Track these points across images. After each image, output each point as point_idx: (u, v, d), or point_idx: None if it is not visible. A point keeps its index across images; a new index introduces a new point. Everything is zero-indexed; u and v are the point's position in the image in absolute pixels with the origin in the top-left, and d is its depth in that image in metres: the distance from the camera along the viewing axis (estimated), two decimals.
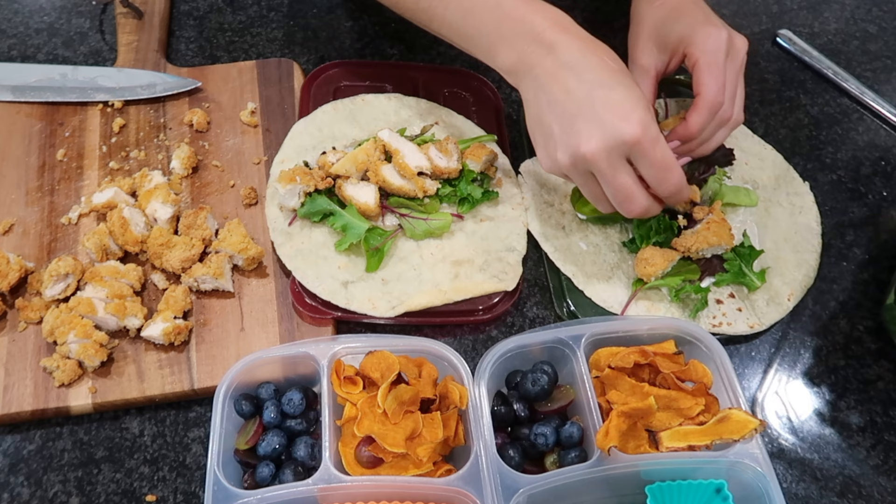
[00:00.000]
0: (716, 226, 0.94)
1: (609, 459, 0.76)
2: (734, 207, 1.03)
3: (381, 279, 0.94)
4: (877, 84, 1.20)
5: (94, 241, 0.92)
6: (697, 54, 0.91)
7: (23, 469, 0.84)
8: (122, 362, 0.89)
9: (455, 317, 0.94)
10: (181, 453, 0.86)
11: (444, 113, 1.09)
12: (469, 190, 0.99)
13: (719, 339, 0.87)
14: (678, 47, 0.94)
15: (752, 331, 0.95)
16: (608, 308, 0.95)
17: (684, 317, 0.94)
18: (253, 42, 1.19)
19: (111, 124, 1.06)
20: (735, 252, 0.97)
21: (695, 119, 0.91)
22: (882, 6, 1.31)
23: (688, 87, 1.15)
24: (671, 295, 0.95)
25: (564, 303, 0.96)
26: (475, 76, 1.14)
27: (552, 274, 0.98)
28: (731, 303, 0.96)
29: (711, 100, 0.90)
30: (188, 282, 0.92)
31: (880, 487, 0.87)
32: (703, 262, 0.96)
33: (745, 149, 1.08)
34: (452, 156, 0.99)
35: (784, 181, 1.07)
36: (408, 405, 0.79)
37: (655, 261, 0.94)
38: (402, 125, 1.06)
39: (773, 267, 0.99)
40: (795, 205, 1.05)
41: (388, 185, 0.96)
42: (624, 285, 0.97)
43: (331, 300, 0.92)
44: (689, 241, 0.94)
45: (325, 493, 0.75)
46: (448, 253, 0.97)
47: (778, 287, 0.98)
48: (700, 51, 0.91)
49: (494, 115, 1.10)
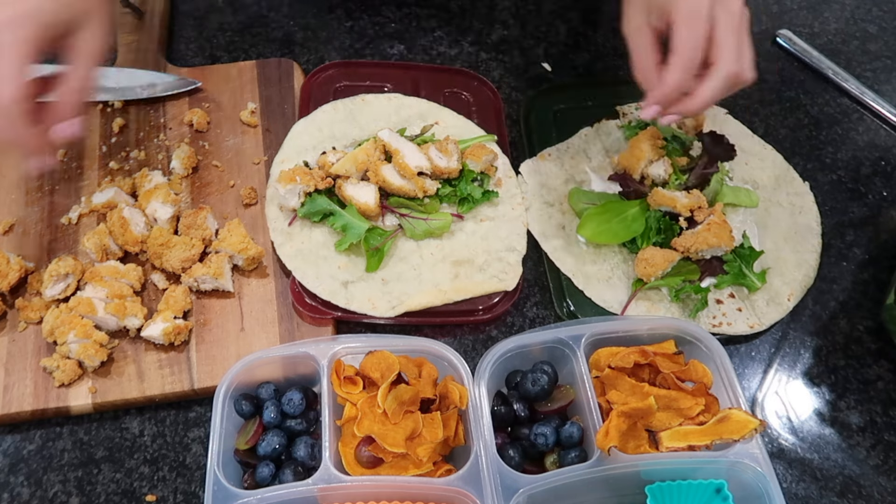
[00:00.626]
0: (716, 227, 0.94)
1: (609, 459, 0.76)
2: (734, 208, 1.03)
3: (381, 279, 0.94)
4: (877, 84, 1.20)
5: (94, 241, 0.92)
6: (674, 14, 0.86)
7: (23, 469, 0.84)
8: (122, 362, 0.89)
9: (455, 317, 0.94)
10: (181, 453, 0.86)
11: (444, 113, 1.09)
12: (469, 190, 0.99)
13: (719, 339, 0.87)
14: (664, 7, 0.88)
15: (752, 331, 0.95)
16: (608, 308, 0.96)
17: (684, 317, 0.94)
18: (253, 42, 1.19)
19: (111, 124, 1.06)
20: (735, 253, 0.97)
21: (668, 76, 0.85)
22: (882, 6, 1.31)
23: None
24: (671, 295, 0.95)
25: (564, 303, 0.96)
26: (475, 76, 1.14)
27: (552, 274, 0.98)
28: (731, 303, 0.96)
29: (682, 53, 0.84)
30: (188, 282, 0.92)
31: (880, 487, 0.87)
32: (703, 262, 0.96)
33: (745, 149, 1.08)
34: (452, 156, 0.99)
35: (784, 181, 1.07)
36: (408, 405, 0.79)
37: (655, 261, 0.94)
38: (402, 125, 1.06)
39: (774, 267, 0.99)
40: (795, 205, 1.05)
41: (388, 185, 0.96)
42: (624, 285, 0.97)
43: (331, 300, 0.92)
44: (688, 242, 0.94)
45: (325, 493, 0.75)
46: (448, 253, 0.97)
47: (778, 287, 0.98)
48: (676, 9, 0.85)
49: (494, 115, 1.10)
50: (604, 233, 0.98)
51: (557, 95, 1.14)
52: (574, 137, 1.09)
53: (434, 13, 1.23)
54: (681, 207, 0.96)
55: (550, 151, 1.07)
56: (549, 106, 1.12)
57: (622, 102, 1.12)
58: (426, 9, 1.23)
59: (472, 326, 0.96)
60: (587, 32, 1.24)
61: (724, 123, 1.10)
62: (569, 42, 1.23)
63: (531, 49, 1.21)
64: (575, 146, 1.08)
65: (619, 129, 1.09)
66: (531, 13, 1.26)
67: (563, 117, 1.11)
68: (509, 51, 1.21)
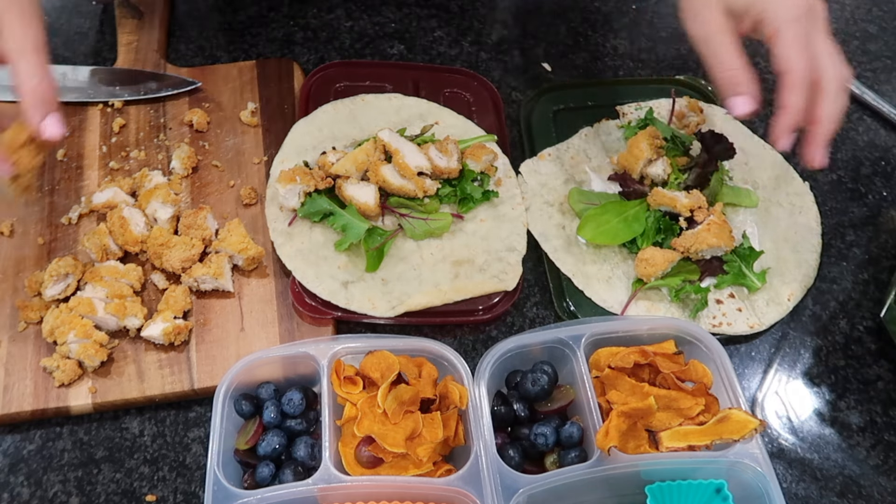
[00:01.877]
0: (716, 227, 0.94)
1: (609, 459, 0.76)
2: (734, 208, 1.03)
3: (382, 279, 0.94)
4: (877, 84, 1.20)
5: (94, 241, 0.92)
6: (773, 23, 0.79)
7: (23, 469, 0.84)
8: (122, 362, 0.89)
9: (455, 317, 0.94)
10: (181, 453, 0.86)
11: (444, 113, 1.09)
12: (469, 190, 0.99)
13: (719, 339, 0.86)
14: (749, 10, 0.82)
15: (752, 331, 0.95)
16: (608, 308, 0.96)
17: (684, 317, 0.94)
18: (253, 42, 1.19)
19: (111, 124, 1.06)
20: (735, 253, 0.97)
21: (789, 98, 0.80)
22: (882, 6, 1.31)
23: (688, 87, 1.16)
24: (671, 295, 0.95)
25: (564, 303, 0.96)
26: (475, 76, 1.14)
27: (552, 274, 0.98)
28: (730, 303, 0.96)
29: (796, 71, 0.80)
30: (188, 282, 0.92)
31: (880, 487, 0.87)
32: (703, 262, 0.96)
33: (745, 149, 1.08)
34: (452, 156, 0.99)
35: (784, 181, 1.07)
36: (408, 405, 0.79)
37: (656, 261, 0.94)
38: (402, 125, 1.06)
39: (773, 267, 0.99)
40: (795, 205, 1.05)
41: (388, 185, 0.96)
42: (624, 286, 0.97)
43: (331, 300, 0.92)
44: (688, 242, 0.94)
45: (325, 493, 0.75)
46: (448, 253, 0.97)
47: (778, 287, 0.98)
48: (774, 16, 0.79)
49: (494, 115, 1.10)
50: (604, 233, 0.98)
51: (557, 95, 1.14)
52: (574, 137, 1.09)
53: (434, 13, 1.23)
54: (681, 207, 0.96)
55: (550, 151, 1.07)
56: (548, 106, 1.12)
57: (622, 102, 1.12)
58: (426, 9, 1.23)
59: (473, 326, 0.96)
60: (587, 32, 1.24)
61: (724, 123, 1.10)
62: (569, 42, 1.23)
63: (531, 49, 1.21)
64: (575, 146, 1.08)
65: (619, 129, 1.09)
66: (531, 13, 1.26)
67: (563, 117, 1.11)
68: (509, 51, 1.21)
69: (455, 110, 1.09)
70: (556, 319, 0.97)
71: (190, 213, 0.96)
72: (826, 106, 0.82)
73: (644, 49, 1.22)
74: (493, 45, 1.21)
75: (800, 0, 0.80)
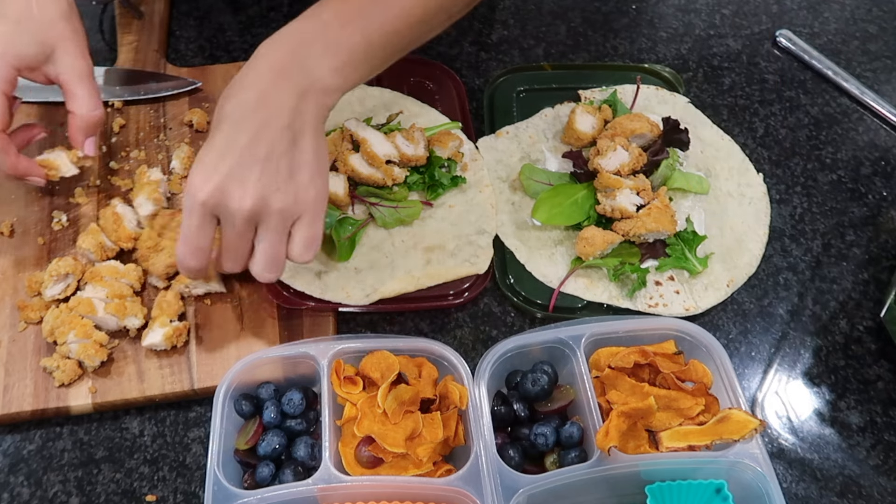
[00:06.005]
0: (657, 211, 0.95)
1: (609, 459, 0.76)
2: (684, 193, 1.03)
3: (354, 268, 0.94)
4: (877, 84, 1.20)
5: (90, 240, 0.92)
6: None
7: (23, 469, 0.84)
8: (122, 362, 0.88)
9: (429, 301, 0.95)
10: (181, 453, 0.86)
11: (407, 102, 1.09)
12: (438, 176, 1.00)
13: (719, 340, 0.86)
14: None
15: (688, 313, 0.95)
16: (547, 283, 0.96)
17: (622, 295, 0.95)
18: (253, 42, 1.18)
19: (111, 124, 1.06)
20: (679, 237, 0.97)
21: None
22: (882, 6, 1.31)
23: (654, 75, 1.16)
24: (609, 275, 0.96)
25: (507, 277, 0.97)
26: (438, 66, 1.14)
27: (497, 249, 0.99)
28: (669, 285, 0.97)
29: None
30: (179, 287, 0.91)
31: (880, 487, 0.87)
32: (646, 245, 0.97)
33: (703, 138, 1.09)
34: (419, 143, 1.00)
35: (738, 172, 1.08)
36: (408, 405, 0.79)
37: (595, 241, 0.94)
38: (368, 115, 1.06)
39: (717, 253, 0.99)
40: (746, 195, 1.06)
41: (356, 175, 0.96)
42: (565, 262, 0.98)
43: (305, 290, 0.92)
44: (628, 225, 0.95)
45: (325, 493, 0.75)
46: (419, 240, 0.98)
47: (719, 273, 0.98)
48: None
49: (458, 103, 1.11)
50: (557, 216, 0.99)
51: (522, 76, 1.15)
52: (534, 117, 1.10)
53: None
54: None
55: (509, 129, 1.09)
56: (513, 86, 1.14)
57: (586, 87, 1.13)
58: None
59: (473, 327, 0.96)
60: (587, 32, 1.24)
61: (685, 111, 1.11)
62: (569, 42, 1.23)
63: (531, 49, 1.21)
64: (533, 125, 1.09)
65: None
66: (531, 13, 1.26)
67: (526, 98, 1.13)
68: (509, 51, 1.21)
69: (419, 99, 1.10)
70: (503, 297, 0.97)
71: (167, 212, 0.96)
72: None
73: (644, 49, 1.22)
74: (493, 45, 1.21)
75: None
